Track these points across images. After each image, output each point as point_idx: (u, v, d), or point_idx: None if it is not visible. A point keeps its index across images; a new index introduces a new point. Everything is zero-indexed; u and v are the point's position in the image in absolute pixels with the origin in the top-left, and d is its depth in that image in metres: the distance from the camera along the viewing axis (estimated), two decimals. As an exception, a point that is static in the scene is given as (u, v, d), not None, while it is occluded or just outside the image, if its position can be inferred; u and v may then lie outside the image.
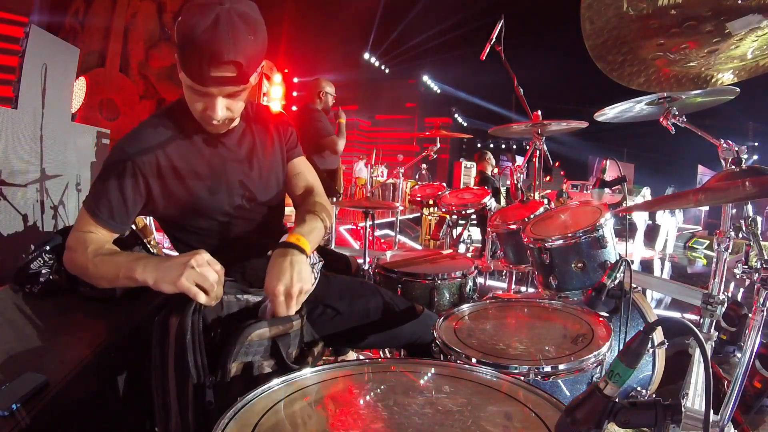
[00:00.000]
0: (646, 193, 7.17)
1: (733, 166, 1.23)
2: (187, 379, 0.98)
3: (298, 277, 1.06)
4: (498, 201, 2.46)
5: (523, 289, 2.74)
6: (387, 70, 14.29)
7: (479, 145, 19.51)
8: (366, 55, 12.75)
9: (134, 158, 1.14)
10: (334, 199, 3.50)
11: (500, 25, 2.53)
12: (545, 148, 2.44)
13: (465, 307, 1.42)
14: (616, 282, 1.37)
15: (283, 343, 1.04)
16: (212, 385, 0.98)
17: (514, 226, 1.97)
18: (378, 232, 6.14)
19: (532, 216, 1.93)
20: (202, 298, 0.98)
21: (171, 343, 1.01)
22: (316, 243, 1.22)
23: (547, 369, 1.05)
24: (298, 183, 1.41)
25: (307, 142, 3.55)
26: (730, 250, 1.34)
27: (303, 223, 1.23)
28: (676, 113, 1.48)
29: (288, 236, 1.15)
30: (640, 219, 6.30)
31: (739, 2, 0.99)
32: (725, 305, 1.33)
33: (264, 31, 1.08)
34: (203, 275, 0.98)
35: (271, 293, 1.05)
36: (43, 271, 1.53)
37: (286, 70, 9.05)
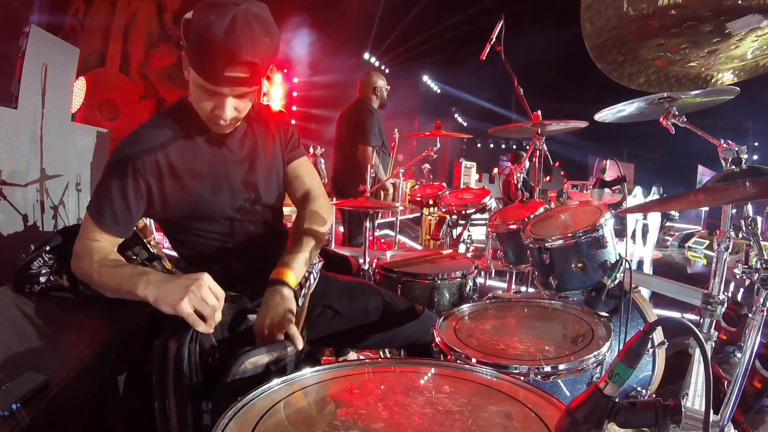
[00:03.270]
0: (637, 192, 7.18)
1: (733, 166, 1.23)
2: (187, 403, 0.98)
3: (275, 313, 1.11)
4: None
5: (523, 289, 2.74)
6: (387, 70, 14.28)
7: (479, 145, 19.51)
8: (366, 55, 12.73)
9: (134, 160, 1.13)
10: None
11: (500, 25, 2.53)
12: (545, 148, 2.43)
13: (465, 307, 1.42)
14: (616, 282, 1.37)
15: (278, 369, 1.04)
16: (209, 411, 0.98)
17: (514, 226, 1.97)
18: (378, 232, 6.13)
19: (532, 216, 1.93)
20: (201, 326, 0.98)
21: (170, 368, 1.01)
22: (304, 266, 1.23)
23: (547, 369, 1.05)
24: (297, 187, 1.40)
25: (352, 137, 3.53)
26: (730, 250, 1.34)
27: (292, 250, 1.24)
28: (676, 113, 1.48)
29: (276, 268, 1.19)
30: (631, 218, 6.31)
31: (739, 2, 0.99)
32: (725, 305, 1.33)
33: (277, 34, 1.09)
34: (203, 301, 0.98)
35: (256, 328, 1.11)
36: (43, 271, 1.53)
37: (285, 70, 9.05)
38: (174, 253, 1.39)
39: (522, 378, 0.96)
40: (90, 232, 1.15)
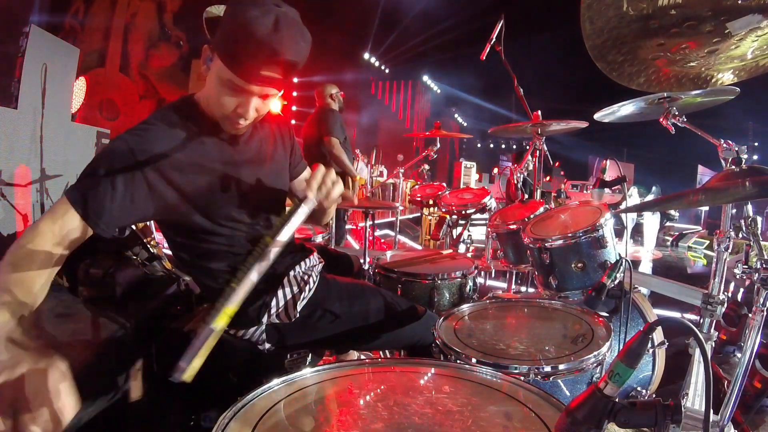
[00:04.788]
0: (633, 192, 7.21)
1: (733, 166, 1.23)
2: None
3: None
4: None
5: (523, 289, 2.74)
6: (387, 70, 14.29)
7: (479, 145, 19.52)
8: (366, 55, 12.74)
9: (138, 155, 1.06)
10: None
11: (500, 25, 2.53)
12: (545, 148, 2.44)
13: (465, 307, 1.42)
14: (616, 282, 1.37)
15: None
16: None
17: (514, 226, 1.97)
18: (378, 232, 6.13)
19: (532, 216, 1.93)
20: None
21: None
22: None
23: (547, 369, 1.05)
24: None
25: (317, 134, 3.71)
26: (730, 250, 1.34)
27: None
28: (676, 113, 1.48)
29: None
30: (627, 217, 6.33)
31: (739, 2, 0.99)
32: (725, 305, 1.33)
33: (310, 41, 1.10)
34: None
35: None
36: (43, 271, 1.52)
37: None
38: (169, 252, 1.38)
39: (522, 378, 0.96)
40: (56, 212, 0.99)
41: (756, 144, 13.73)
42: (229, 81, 1.05)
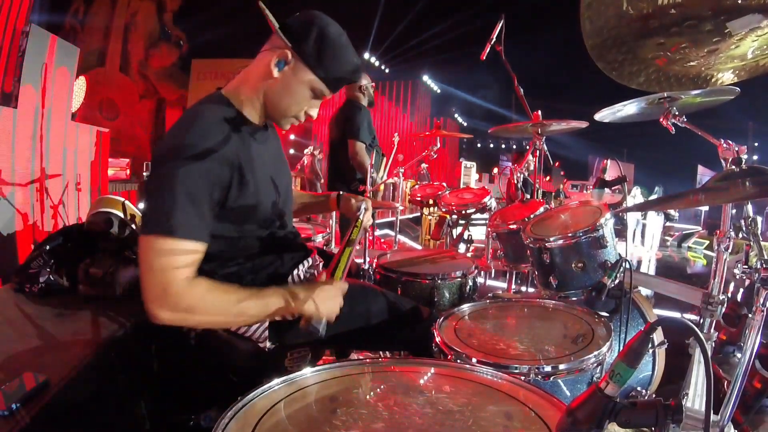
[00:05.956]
0: (636, 193, 7.22)
1: (733, 166, 1.23)
2: None
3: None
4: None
5: (523, 289, 2.74)
6: (387, 70, 14.29)
7: (479, 145, 19.53)
8: (366, 55, 12.75)
9: (209, 161, 1.03)
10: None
11: (500, 24, 2.53)
12: (545, 148, 2.44)
13: (465, 307, 1.42)
14: (616, 282, 1.37)
15: None
16: None
17: (514, 226, 1.97)
18: (378, 232, 6.13)
19: (532, 216, 1.93)
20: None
21: None
22: None
23: (548, 369, 1.05)
24: None
25: (341, 134, 3.40)
26: (730, 250, 1.34)
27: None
28: (676, 113, 1.48)
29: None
30: (632, 218, 6.33)
31: (739, 2, 0.99)
32: (725, 305, 1.33)
33: None
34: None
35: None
36: (43, 271, 1.53)
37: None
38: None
39: (522, 378, 0.96)
40: (171, 259, 0.97)
41: (756, 144, 13.74)
42: (315, 87, 1.16)
